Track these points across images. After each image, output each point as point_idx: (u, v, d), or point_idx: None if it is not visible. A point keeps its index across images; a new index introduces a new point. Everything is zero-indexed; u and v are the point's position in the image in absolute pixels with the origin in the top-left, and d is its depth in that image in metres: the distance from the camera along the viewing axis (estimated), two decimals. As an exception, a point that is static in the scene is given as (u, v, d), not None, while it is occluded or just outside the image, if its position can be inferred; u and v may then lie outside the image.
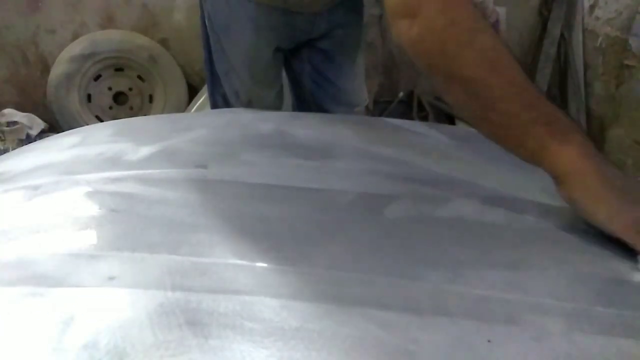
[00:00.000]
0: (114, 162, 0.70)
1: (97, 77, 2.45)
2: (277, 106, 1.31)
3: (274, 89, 1.28)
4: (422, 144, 0.89)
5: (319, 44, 1.25)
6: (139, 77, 2.48)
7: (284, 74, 1.34)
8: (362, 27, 1.32)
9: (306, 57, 1.29)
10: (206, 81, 1.37)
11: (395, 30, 0.63)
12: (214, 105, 1.34)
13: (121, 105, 2.52)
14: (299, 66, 1.31)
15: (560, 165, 0.55)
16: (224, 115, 1.02)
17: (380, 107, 2.72)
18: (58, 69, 2.40)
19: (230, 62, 1.21)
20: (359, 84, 1.36)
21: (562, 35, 2.58)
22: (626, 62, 2.31)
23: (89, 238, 0.53)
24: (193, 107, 2.39)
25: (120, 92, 2.50)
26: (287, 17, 1.15)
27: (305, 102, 1.35)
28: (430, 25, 0.59)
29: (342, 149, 0.79)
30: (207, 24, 1.25)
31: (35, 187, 0.64)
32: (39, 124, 2.40)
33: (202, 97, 2.38)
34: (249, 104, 1.23)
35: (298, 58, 1.30)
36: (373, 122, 1.21)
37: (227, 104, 1.28)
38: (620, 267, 0.55)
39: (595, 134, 2.51)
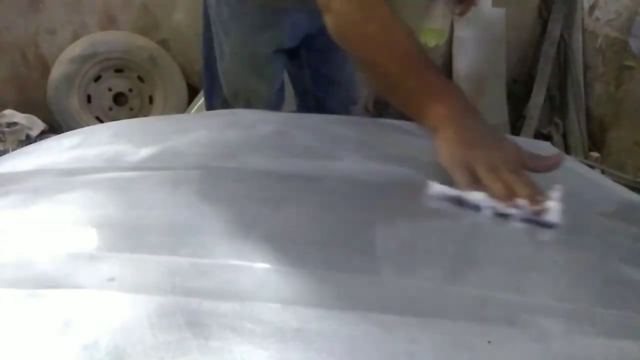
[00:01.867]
0: (114, 163, 0.70)
1: (97, 78, 2.45)
2: (277, 104, 1.32)
3: (274, 87, 1.29)
4: (421, 144, 0.88)
5: (315, 43, 1.26)
6: (139, 78, 2.48)
7: (287, 78, 1.35)
8: None
9: (305, 61, 1.31)
10: (203, 86, 1.37)
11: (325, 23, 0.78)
12: (211, 109, 1.34)
13: (121, 106, 2.52)
14: (299, 71, 1.34)
15: (432, 122, 0.68)
16: (224, 116, 1.02)
17: (380, 107, 2.72)
18: (58, 70, 2.40)
19: (232, 60, 1.23)
20: (358, 79, 1.39)
21: (562, 36, 2.58)
22: (626, 63, 2.31)
23: (89, 239, 0.53)
24: (193, 107, 2.39)
25: (120, 93, 2.50)
26: (285, 15, 1.17)
27: (308, 104, 1.38)
28: (336, 19, 0.77)
29: (342, 149, 0.79)
30: (211, 24, 1.26)
31: (35, 188, 0.64)
32: (39, 125, 2.40)
33: (202, 98, 2.38)
34: (247, 104, 1.24)
35: (297, 63, 1.32)
36: (373, 122, 1.21)
37: (226, 107, 1.29)
38: (620, 267, 0.55)
39: (595, 135, 2.52)
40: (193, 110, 2.37)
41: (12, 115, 2.38)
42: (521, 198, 0.59)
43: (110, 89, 2.48)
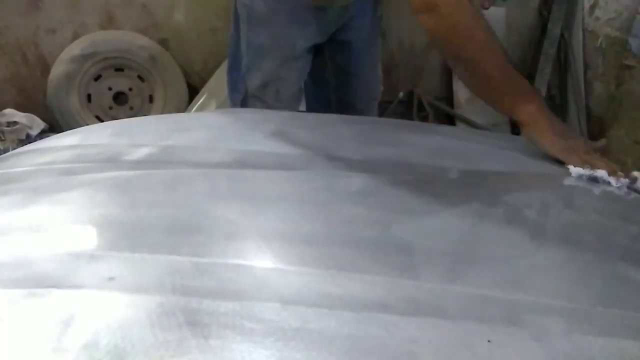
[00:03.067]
0: (114, 162, 0.70)
1: (97, 77, 2.45)
2: (300, 96, 1.36)
3: (301, 80, 1.33)
4: (420, 142, 0.89)
5: (339, 36, 1.32)
6: (139, 77, 2.48)
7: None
8: (377, 16, 1.39)
9: (328, 55, 1.35)
10: (228, 85, 1.39)
11: (418, 20, 0.86)
12: (234, 106, 1.37)
13: (121, 105, 2.51)
14: (321, 65, 1.37)
15: (524, 116, 0.84)
16: (224, 116, 1.02)
17: (380, 107, 2.72)
18: (58, 69, 2.39)
19: (270, 53, 1.27)
20: (379, 74, 1.45)
21: (562, 35, 2.58)
22: (626, 62, 2.31)
23: (89, 238, 0.53)
24: (193, 107, 2.39)
25: (120, 92, 2.50)
26: (320, 12, 1.24)
27: (326, 99, 1.42)
28: (443, 20, 0.84)
29: (342, 149, 0.79)
30: (240, 22, 1.29)
31: (35, 187, 0.64)
32: (39, 124, 2.40)
33: (202, 97, 2.38)
34: (276, 94, 1.29)
35: (320, 57, 1.36)
36: (373, 122, 1.21)
37: (245, 103, 1.32)
38: (620, 267, 0.55)
39: (595, 134, 2.51)
40: (193, 110, 2.37)
41: (12, 114, 2.38)
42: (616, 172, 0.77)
43: (110, 88, 2.48)
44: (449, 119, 2.73)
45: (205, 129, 0.85)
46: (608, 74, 2.44)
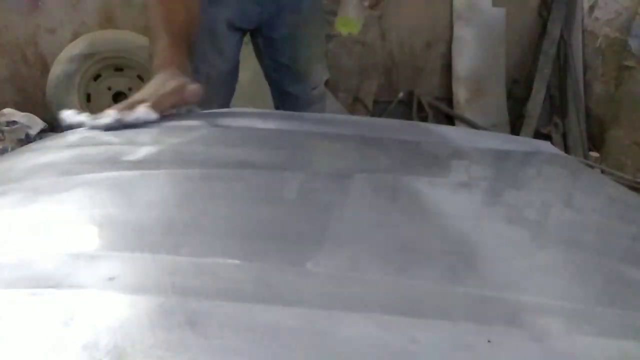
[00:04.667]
0: (114, 162, 0.70)
1: (97, 77, 2.45)
2: (232, 84, 1.44)
3: (229, 64, 1.40)
4: (418, 142, 0.89)
5: (273, 33, 1.38)
6: (139, 76, 2.48)
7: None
8: (316, 13, 1.44)
9: (263, 49, 1.43)
10: None
11: None
12: None
13: (121, 105, 2.51)
14: (261, 59, 1.47)
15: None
16: (224, 116, 1.02)
17: (380, 107, 2.72)
18: (58, 69, 2.39)
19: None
20: (315, 65, 1.50)
21: (561, 36, 2.59)
22: (626, 63, 2.31)
23: (89, 238, 0.53)
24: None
25: (119, 92, 2.50)
26: None
27: (274, 93, 1.52)
28: None
29: (342, 148, 0.79)
30: None
31: (35, 187, 0.64)
32: (38, 124, 2.40)
33: (202, 97, 2.37)
34: (208, 78, 1.33)
35: (258, 51, 1.46)
36: (373, 122, 1.21)
37: None
38: (620, 267, 0.55)
39: (595, 135, 2.52)
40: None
41: (11, 114, 2.38)
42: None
43: (109, 88, 2.48)
44: (449, 120, 2.73)
45: (206, 129, 0.85)
46: (607, 74, 2.44)
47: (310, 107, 1.48)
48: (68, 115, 0.86)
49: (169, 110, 0.89)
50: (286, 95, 1.49)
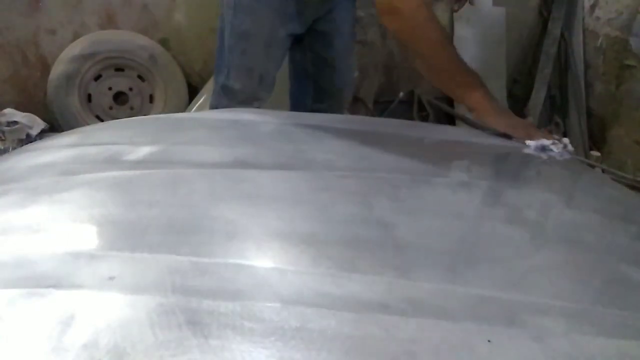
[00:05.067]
0: (114, 162, 0.70)
1: (98, 77, 2.45)
2: (274, 84, 1.47)
3: (278, 69, 1.45)
4: (418, 141, 0.89)
5: (318, 26, 1.43)
6: (139, 77, 2.48)
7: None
8: (354, 8, 1.50)
9: (307, 45, 1.47)
10: (215, 71, 1.49)
11: (382, 21, 1.03)
12: (215, 95, 1.47)
13: (121, 105, 2.51)
14: (301, 54, 1.50)
15: (472, 102, 1.01)
16: (224, 116, 1.02)
17: (381, 107, 2.72)
18: (58, 69, 2.39)
19: (251, 41, 1.37)
20: (353, 62, 1.60)
21: (562, 35, 2.58)
22: (626, 62, 2.31)
23: (89, 238, 0.53)
24: (193, 107, 2.39)
25: (120, 92, 2.50)
26: (301, 4, 1.36)
27: (304, 87, 1.55)
28: (404, 22, 0.99)
29: (342, 149, 0.79)
30: (229, 5, 1.39)
31: (35, 187, 0.64)
32: (39, 124, 2.39)
33: (202, 97, 2.38)
34: (260, 79, 1.40)
35: (300, 47, 1.48)
36: (372, 122, 1.21)
37: (225, 92, 1.42)
38: (620, 267, 0.55)
39: (596, 134, 2.51)
40: (193, 109, 2.37)
41: (12, 114, 2.38)
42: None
43: (110, 88, 2.48)
44: (450, 119, 2.73)
45: (205, 129, 0.85)
46: (608, 73, 2.44)
47: (343, 106, 1.56)
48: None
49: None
50: (319, 91, 1.52)
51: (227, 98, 1.41)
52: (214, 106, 1.46)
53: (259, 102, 1.41)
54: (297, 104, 1.57)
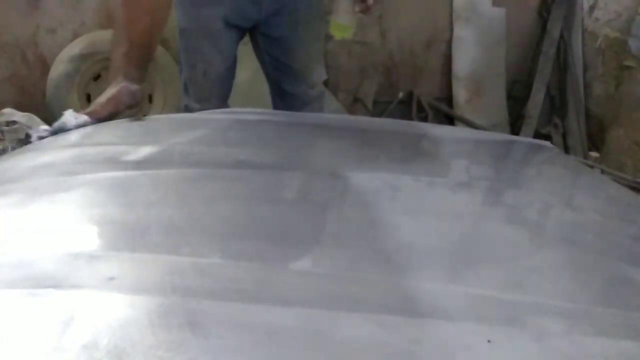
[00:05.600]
0: (114, 162, 0.70)
1: (97, 77, 2.44)
2: (229, 80, 1.47)
3: (227, 61, 1.43)
4: (417, 141, 0.89)
5: (273, 32, 1.41)
6: (139, 77, 2.48)
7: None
8: (315, 12, 1.47)
9: (263, 48, 1.46)
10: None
11: None
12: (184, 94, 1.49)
13: (121, 105, 2.51)
14: (260, 57, 1.50)
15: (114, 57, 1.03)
16: (224, 116, 1.02)
17: (380, 107, 2.72)
18: (58, 69, 2.39)
19: (189, 33, 1.38)
20: (315, 64, 1.53)
21: (561, 36, 2.58)
22: (625, 63, 2.31)
23: (89, 238, 0.53)
24: (193, 107, 2.39)
25: (120, 92, 2.50)
26: None
27: (273, 90, 1.54)
28: None
29: (342, 149, 0.79)
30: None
31: (35, 187, 0.64)
32: (38, 124, 2.39)
33: (202, 97, 2.38)
34: (204, 75, 1.40)
35: (258, 49, 1.49)
36: (372, 122, 1.21)
37: (186, 90, 1.44)
38: (620, 267, 0.55)
39: (595, 135, 2.52)
40: (193, 110, 2.37)
41: (11, 114, 2.37)
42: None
43: (109, 88, 2.48)
44: (449, 120, 2.73)
45: (205, 129, 0.85)
46: (607, 74, 2.44)
47: (308, 107, 1.50)
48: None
49: (113, 117, 0.94)
50: (284, 94, 1.51)
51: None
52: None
53: (209, 102, 1.38)
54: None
